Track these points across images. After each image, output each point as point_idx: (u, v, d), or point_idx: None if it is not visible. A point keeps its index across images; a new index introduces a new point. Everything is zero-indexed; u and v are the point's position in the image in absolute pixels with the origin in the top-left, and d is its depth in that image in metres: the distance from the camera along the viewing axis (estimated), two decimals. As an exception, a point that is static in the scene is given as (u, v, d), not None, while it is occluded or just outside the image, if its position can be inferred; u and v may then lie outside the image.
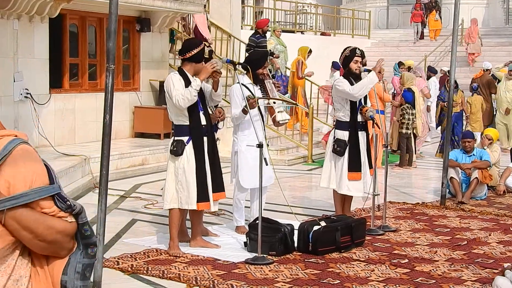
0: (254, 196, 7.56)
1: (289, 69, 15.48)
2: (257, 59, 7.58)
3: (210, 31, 15.42)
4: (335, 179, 7.86)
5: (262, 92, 7.47)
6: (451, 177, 9.82)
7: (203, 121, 6.65)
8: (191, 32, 15.22)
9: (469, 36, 23.86)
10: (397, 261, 6.52)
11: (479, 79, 15.94)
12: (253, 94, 7.17)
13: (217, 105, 7.14)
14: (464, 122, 14.14)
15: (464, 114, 14.24)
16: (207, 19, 15.54)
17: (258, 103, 7.22)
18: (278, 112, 7.53)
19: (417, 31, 26.76)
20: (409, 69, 14.97)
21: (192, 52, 6.65)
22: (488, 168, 10.04)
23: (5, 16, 10.38)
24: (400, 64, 14.73)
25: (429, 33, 26.65)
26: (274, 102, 7.49)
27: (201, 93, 6.63)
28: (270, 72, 13.14)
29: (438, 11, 26.98)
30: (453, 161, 10.00)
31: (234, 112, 7.34)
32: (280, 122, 7.60)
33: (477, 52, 23.80)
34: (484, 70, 16.43)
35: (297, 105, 14.24)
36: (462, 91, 14.29)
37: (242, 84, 7.27)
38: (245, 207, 7.65)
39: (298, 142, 14.03)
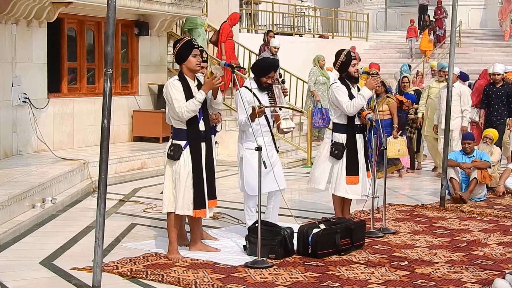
0: (270, 199, 7.51)
1: None
2: (261, 67, 7.45)
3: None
4: (333, 182, 7.87)
5: (269, 97, 7.39)
6: (451, 177, 9.83)
7: (202, 127, 6.58)
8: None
9: (501, 14, 23.90)
10: (396, 264, 6.51)
11: None
12: (259, 101, 7.12)
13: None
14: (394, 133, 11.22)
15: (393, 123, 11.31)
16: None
17: (264, 112, 7.16)
18: (283, 119, 7.45)
19: (411, 47, 26.51)
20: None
21: (175, 53, 6.58)
22: (487, 169, 10.04)
23: (3, 20, 10.38)
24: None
25: (420, 50, 26.25)
26: (280, 109, 7.43)
27: None
28: (280, 76, 13.12)
29: (433, 32, 26.53)
30: (453, 160, 10.00)
31: (240, 118, 7.26)
32: (284, 129, 7.53)
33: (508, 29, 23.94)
34: None
35: (302, 112, 14.24)
36: (389, 96, 11.44)
37: (248, 88, 7.23)
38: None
39: (297, 144, 14.03)
